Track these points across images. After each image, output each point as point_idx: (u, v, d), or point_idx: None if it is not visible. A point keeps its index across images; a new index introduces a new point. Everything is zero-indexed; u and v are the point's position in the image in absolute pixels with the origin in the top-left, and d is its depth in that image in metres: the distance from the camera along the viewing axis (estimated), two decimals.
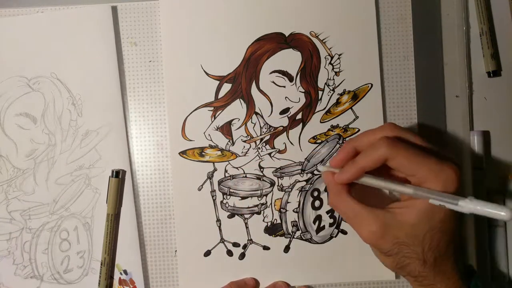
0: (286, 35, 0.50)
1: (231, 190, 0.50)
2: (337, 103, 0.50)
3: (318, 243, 0.50)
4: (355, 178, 0.40)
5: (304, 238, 0.50)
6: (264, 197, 0.50)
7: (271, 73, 0.50)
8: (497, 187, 0.50)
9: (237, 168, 0.50)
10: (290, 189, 0.50)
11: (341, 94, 0.50)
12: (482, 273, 0.49)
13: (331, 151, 0.50)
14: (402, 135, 0.40)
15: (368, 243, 0.40)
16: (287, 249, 0.50)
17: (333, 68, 0.50)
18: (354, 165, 0.40)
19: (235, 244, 0.50)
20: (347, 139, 0.50)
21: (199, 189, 0.50)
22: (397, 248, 0.38)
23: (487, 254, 0.49)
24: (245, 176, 0.50)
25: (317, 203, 0.50)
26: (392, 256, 0.39)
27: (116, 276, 0.50)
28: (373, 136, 0.41)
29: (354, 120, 0.50)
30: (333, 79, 0.50)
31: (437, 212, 0.38)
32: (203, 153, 0.50)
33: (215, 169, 0.50)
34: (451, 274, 0.39)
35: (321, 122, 0.50)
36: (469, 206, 0.36)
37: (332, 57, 0.50)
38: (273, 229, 0.50)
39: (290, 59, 0.50)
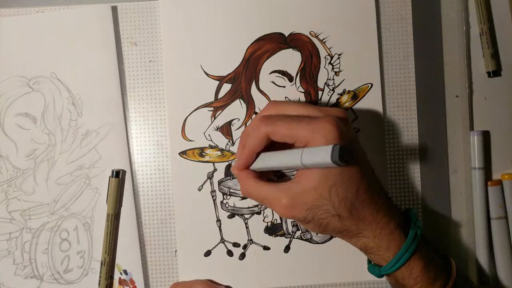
0: (286, 35, 0.50)
1: (231, 190, 0.50)
2: (337, 103, 0.50)
3: (318, 243, 0.50)
4: (248, 161, 0.42)
5: (304, 238, 0.50)
6: None
7: (271, 73, 0.50)
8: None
9: None
10: None
11: (341, 94, 0.50)
12: (481, 274, 0.49)
13: None
14: (282, 110, 0.41)
15: (285, 217, 0.41)
16: (287, 249, 0.50)
17: (333, 68, 0.50)
18: (244, 150, 0.42)
19: (235, 244, 0.50)
20: None
21: (199, 189, 0.50)
22: (311, 213, 0.39)
23: (488, 246, 0.49)
24: None
25: None
26: (312, 222, 0.40)
27: (116, 276, 0.50)
28: (256, 118, 0.42)
29: (354, 120, 0.50)
30: (333, 79, 0.50)
31: (332, 167, 0.37)
32: (203, 153, 0.50)
33: (215, 169, 0.50)
34: (374, 217, 0.39)
35: None
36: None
37: (332, 57, 0.50)
38: (273, 229, 0.50)
39: (290, 59, 0.50)
